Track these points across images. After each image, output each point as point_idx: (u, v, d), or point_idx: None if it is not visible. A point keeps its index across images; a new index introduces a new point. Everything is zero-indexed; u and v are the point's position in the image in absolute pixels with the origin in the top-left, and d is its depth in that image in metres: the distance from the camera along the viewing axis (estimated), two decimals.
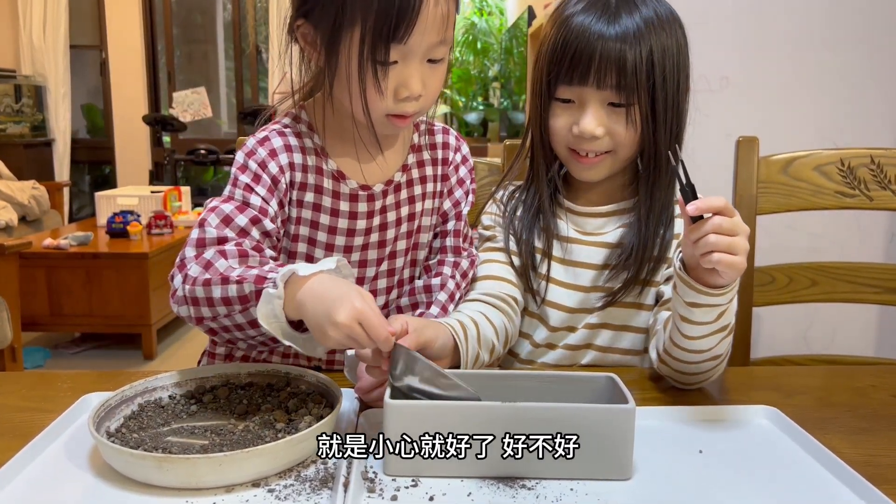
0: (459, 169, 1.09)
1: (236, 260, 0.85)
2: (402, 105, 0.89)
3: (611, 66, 0.96)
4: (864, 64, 1.72)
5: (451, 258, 1.06)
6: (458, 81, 5.11)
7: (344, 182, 0.98)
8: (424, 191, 1.05)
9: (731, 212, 0.79)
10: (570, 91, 1.01)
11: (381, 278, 1.03)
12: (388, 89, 0.88)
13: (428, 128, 1.07)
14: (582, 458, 0.69)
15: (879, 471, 0.72)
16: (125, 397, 0.81)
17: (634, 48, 0.95)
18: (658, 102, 0.98)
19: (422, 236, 1.06)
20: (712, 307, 0.84)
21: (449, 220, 1.08)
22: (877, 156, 1.30)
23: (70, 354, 3.44)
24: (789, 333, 1.78)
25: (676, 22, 1.01)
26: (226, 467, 0.67)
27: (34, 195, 4.32)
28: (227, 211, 0.91)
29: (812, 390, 0.98)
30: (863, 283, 1.34)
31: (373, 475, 0.70)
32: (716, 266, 0.78)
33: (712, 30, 1.68)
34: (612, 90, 0.97)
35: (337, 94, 0.93)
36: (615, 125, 0.99)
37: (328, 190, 0.97)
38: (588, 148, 1.02)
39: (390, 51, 0.84)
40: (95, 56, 5.92)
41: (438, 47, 0.87)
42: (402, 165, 1.02)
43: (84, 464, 0.73)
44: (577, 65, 0.98)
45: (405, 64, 0.87)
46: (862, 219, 1.72)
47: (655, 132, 0.99)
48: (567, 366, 1.10)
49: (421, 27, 0.83)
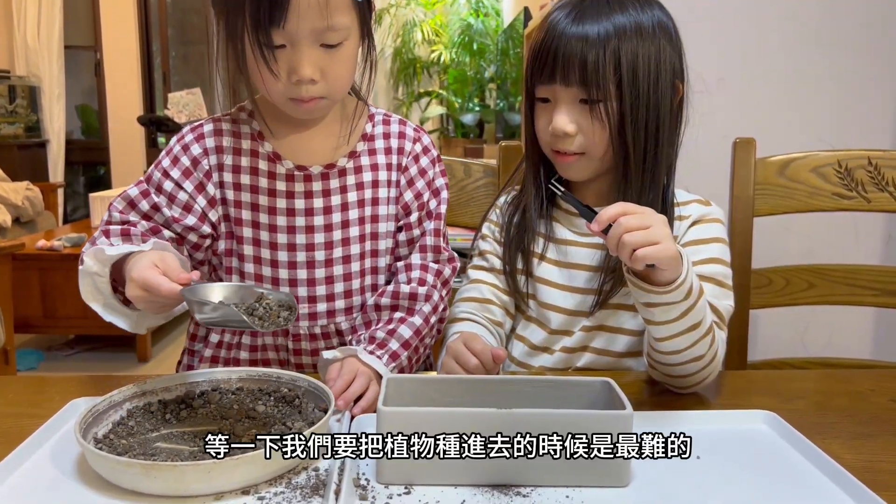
0: (420, 159, 1.09)
1: (119, 239, 0.95)
2: (297, 89, 0.93)
3: (573, 63, 0.98)
4: (862, 65, 1.72)
5: (432, 264, 1.06)
6: (454, 83, 5.10)
7: (280, 163, 1.02)
8: (376, 178, 1.06)
9: (633, 210, 0.82)
10: (545, 90, 1.03)
11: (337, 265, 1.04)
12: (281, 72, 0.91)
13: (384, 118, 1.10)
14: (578, 465, 0.68)
15: (880, 477, 0.72)
16: (113, 402, 0.80)
17: (596, 47, 0.97)
18: (625, 102, 0.98)
19: (380, 226, 1.07)
20: (668, 305, 0.85)
21: (412, 212, 1.07)
22: (874, 157, 1.30)
23: (63, 357, 3.42)
24: (786, 336, 1.77)
25: (663, 30, 1.00)
26: (214, 475, 0.66)
27: (28, 196, 4.30)
28: (132, 195, 1.00)
29: (810, 394, 0.97)
30: (860, 285, 1.33)
31: (365, 482, 0.69)
32: (645, 261, 0.80)
33: (709, 31, 1.67)
34: (578, 87, 0.99)
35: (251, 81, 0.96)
36: (585, 122, 1.00)
37: (263, 171, 1.02)
38: (563, 147, 1.03)
39: (271, 34, 0.88)
40: (90, 56, 5.90)
41: (327, 33, 0.90)
42: (350, 152, 1.04)
43: (71, 471, 0.72)
44: (546, 63, 1.01)
45: (293, 48, 0.90)
46: (859, 221, 1.71)
47: (625, 131, 0.99)
48: (562, 369, 1.09)
49: (296, 12, 0.87)
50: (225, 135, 1.02)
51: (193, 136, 1.02)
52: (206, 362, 1.08)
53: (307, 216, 1.02)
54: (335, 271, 1.04)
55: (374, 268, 1.07)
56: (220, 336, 1.08)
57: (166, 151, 1.03)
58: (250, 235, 1.03)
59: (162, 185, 1.01)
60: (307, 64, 0.91)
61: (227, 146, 1.02)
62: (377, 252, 1.07)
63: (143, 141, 5.93)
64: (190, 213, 1.01)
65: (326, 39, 0.90)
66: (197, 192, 1.01)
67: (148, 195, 1.00)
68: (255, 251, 1.03)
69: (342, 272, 1.05)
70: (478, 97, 5.16)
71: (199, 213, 1.01)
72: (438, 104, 5.17)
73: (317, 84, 0.93)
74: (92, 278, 0.91)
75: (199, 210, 1.01)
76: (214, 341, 1.08)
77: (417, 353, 1.02)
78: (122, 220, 0.99)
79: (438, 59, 5.02)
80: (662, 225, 0.82)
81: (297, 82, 0.92)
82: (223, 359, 1.08)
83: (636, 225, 0.80)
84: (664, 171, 1.03)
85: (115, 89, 5.83)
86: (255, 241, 1.03)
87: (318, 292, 1.04)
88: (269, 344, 1.06)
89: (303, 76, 0.91)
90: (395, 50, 5.14)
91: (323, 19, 0.88)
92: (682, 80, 1.02)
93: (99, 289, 0.92)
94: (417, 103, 5.20)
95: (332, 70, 0.93)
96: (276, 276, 1.03)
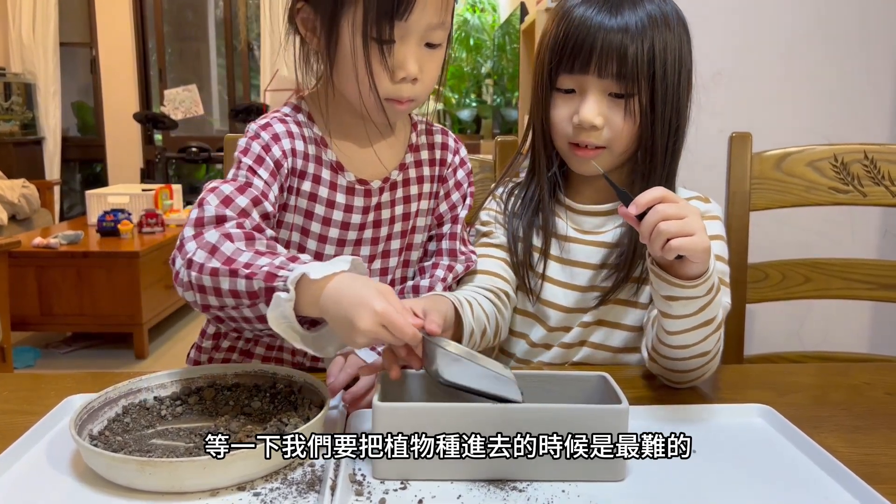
0: (457, 171, 1.08)
1: (243, 243, 0.81)
2: (398, 88, 0.90)
3: (612, 55, 0.96)
4: (858, 58, 1.71)
5: (446, 261, 1.05)
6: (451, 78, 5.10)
7: (342, 174, 0.97)
8: (420, 191, 1.04)
9: (671, 198, 0.78)
10: (571, 80, 1.00)
11: (374, 276, 1.02)
12: (383, 70, 0.88)
13: (427, 128, 1.07)
14: (575, 460, 0.68)
15: (875, 469, 0.72)
16: (109, 399, 0.80)
17: (636, 40, 0.95)
18: (657, 96, 0.97)
19: (416, 237, 1.06)
20: (690, 300, 0.83)
21: (444, 223, 1.07)
22: (870, 151, 1.30)
23: (60, 354, 3.42)
24: (783, 330, 1.77)
25: (681, 22, 1.00)
26: (210, 471, 0.65)
27: (24, 194, 4.29)
28: (227, 192, 0.88)
29: (807, 388, 0.97)
30: (856, 279, 1.33)
31: (361, 478, 0.69)
32: (678, 252, 0.77)
33: (706, 25, 1.67)
34: (613, 79, 0.97)
35: (337, 81, 0.93)
36: (614, 116, 0.99)
37: (326, 180, 0.97)
38: (586, 140, 1.01)
39: (394, 27, 0.85)
40: (86, 53, 5.88)
41: (437, 30, 0.88)
42: (400, 164, 1.02)
43: (66, 468, 0.72)
44: (578, 53, 0.98)
45: (403, 44, 0.87)
46: (855, 215, 1.71)
47: (654, 126, 0.99)
48: (560, 364, 1.09)
49: (421, 3, 0.84)
50: (296, 138, 0.96)
51: (269, 137, 0.94)
52: (223, 351, 1.06)
53: (360, 230, 0.99)
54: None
55: (403, 277, 1.07)
56: (234, 343, 1.06)
57: (242, 151, 0.93)
58: (297, 241, 0.99)
59: (252, 182, 0.91)
60: (414, 61, 0.88)
61: (299, 150, 0.95)
62: (409, 262, 1.07)
63: (140, 138, 5.92)
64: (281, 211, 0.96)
65: (433, 38, 0.89)
66: (279, 192, 0.94)
67: (245, 191, 0.89)
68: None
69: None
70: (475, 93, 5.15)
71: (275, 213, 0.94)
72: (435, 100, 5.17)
73: (416, 84, 0.91)
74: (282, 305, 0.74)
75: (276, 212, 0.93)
76: (225, 346, 1.06)
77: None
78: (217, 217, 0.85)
79: None
80: (697, 216, 0.79)
81: (402, 80, 0.89)
82: (240, 349, 1.06)
83: (674, 213, 0.77)
84: (678, 165, 1.03)
85: (110, 86, 5.82)
86: (301, 248, 0.99)
87: None
88: (286, 346, 1.03)
89: (410, 72, 0.88)
90: None
91: (439, 14, 0.87)
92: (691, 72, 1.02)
93: (285, 314, 0.74)
94: None
95: (429, 71, 0.91)
96: None
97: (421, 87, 0.91)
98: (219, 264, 0.78)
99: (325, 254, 0.99)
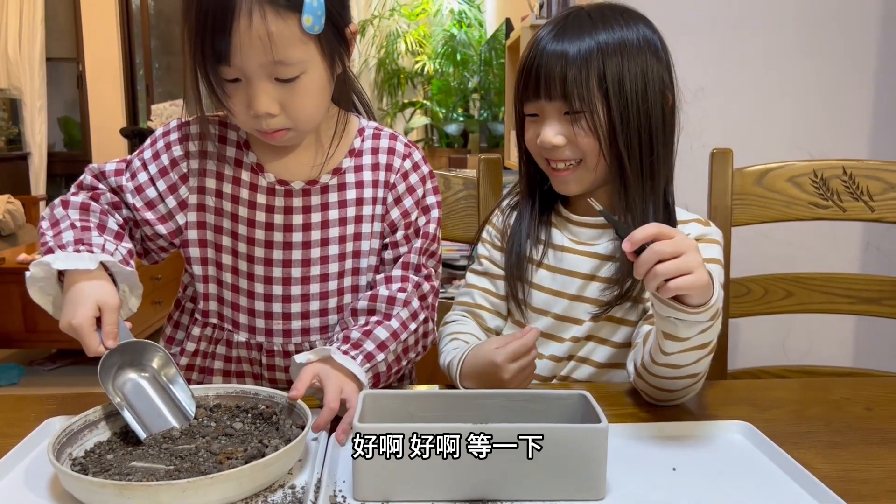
0: (409, 176, 1.07)
1: (77, 211, 0.96)
2: (258, 122, 0.92)
3: (553, 79, 1.00)
4: (838, 73, 1.74)
5: (413, 275, 1.03)
6: (437, 93, 5.11)
7: (262, 175, 1.01)
8: (361, 196, 1.04)
9: (667, 234, 0.76)
10: (532, 106, 1.05)
11: (314, 283, 1.03)
12: (239, 105, 0.91)
13: (374, 132, 1.07)
14: (554, 479, 0.68)
15: (853, 486, 0.72)
16: (89, 421, 0.79)
17: (577, 64, 0.99)
18: (614, 113, 0.99)
19: (363, 243, 1.05)
20: (693, 323, 0.81)
21: (398, 229, 1.05)
22: (849, 167, 1.31)
23: (45, 371, 3.39)
24: (768, 344, 1.78)
25: (649, 46, 1.02)
26: (189, 494, 0.65)
27: (9, 210, 4.26)
28: (108, 169, 1.02)
29: (787, 403, 0.97)
30: (838, 293, 1.34)
31: (341, 499, 0.69)
32: (676, 293, 0.76)
33: (687, 41, 1.69)
34: (560, 100, 1.00)
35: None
36: (576, 131, 1.01)
37: (245, 182, 1.01)
38: (556, 158, 1.04)
39: (220, 70, 0.88)
40: (72, 68, 5.87)
41: (278, 67, 0.88)
42: (335, 168, 1.03)
43: (45, 492, 0.71)
44: (529, 79, 1.03)
45: (248, 83, 0.89)
46: (837, 229, 1.73)
47: (616, 140, 1.00)
48: (547, 377, 1.09)
49: (238, 48, 0.85)
50: (211, 139, 1.01)
51: (178, 136, 1.02)
52: (182, 370, 1.06)
53: (286, 232, 1.01)
54: (311, 289, 1.03)
55: (354, 286, 1.06)
56: (196, 345, 1.08)
57: (151, 141, 1.04)
58: (229, 245, 1.03)
59: (136, 174, 1.01)
60: (263, 98, 0.89)
61: (211, 151, 1.01)
62: (359, 270, 1.06)
63: (127, 153, 5.83)
64: (150, 211, 1.01)
65: (279, 74, 0.88)
66: (169, 192, 1.01)
67: (121, 174, 1.01)
68: (234, 262, 1.03)
69: (318, 290, 1.03)
70: (461, 107, 5.17)
71: (160, 213, 1.01)
72: (423, 114, 5.17)
73: (276, 117, 0.92)
74: (38, 285, 0.91)
75: (163, 211, 1.01)
76: (190, 350, 1.09)
77: (399, 363, 0.99)
78: (91, 186, 1.01)
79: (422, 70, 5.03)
80: (696, 251, 0.77)
81: (255, 116, 0.91)
82: (198, 367, 1.09)
83: (670, 252, 0.75)
84: (663, 179, 1.04)
85: (97, 101, 5.80)
86: (234, 252, 1.02)
87: (294, 309, 1.03)
88: (243, 356, 1.06)
89: (258, 111, 0.90)
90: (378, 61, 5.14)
91: (268, 54, 0.85)
92: (672, 90, 1.04)
93: (45, 291, 0.92)
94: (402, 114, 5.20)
95: (292, 104, 0.91)
96: (252, 290, 1.03)
97: (286, 119, 0.92)
98: (43, 227, 0.96)
99: (255, 256, 1.01)
